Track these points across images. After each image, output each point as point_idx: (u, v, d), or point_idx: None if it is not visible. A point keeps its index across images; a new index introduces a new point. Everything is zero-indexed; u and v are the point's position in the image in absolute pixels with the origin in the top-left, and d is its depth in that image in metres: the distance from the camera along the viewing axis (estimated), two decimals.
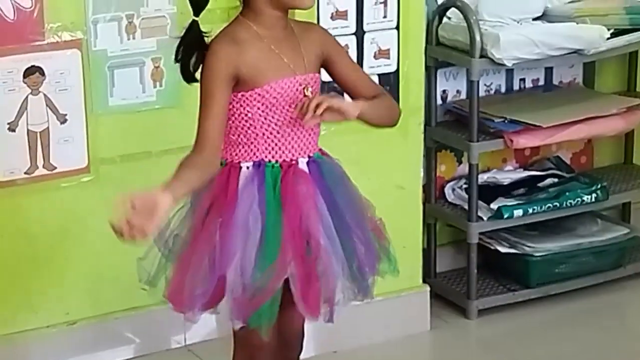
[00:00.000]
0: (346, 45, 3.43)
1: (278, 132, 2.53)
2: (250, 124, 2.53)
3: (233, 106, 2.52)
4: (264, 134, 2.53)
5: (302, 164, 2.55)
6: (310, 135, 2.57)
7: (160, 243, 2.58)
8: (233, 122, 2.53)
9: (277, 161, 2.52)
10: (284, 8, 2.51)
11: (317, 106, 2.45)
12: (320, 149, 2.63)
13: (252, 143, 2.53)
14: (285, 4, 2.51)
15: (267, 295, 2.46)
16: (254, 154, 2.53)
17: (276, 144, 2.53)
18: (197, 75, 2.54)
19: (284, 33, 2.54)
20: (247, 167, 2.52)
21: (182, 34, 2.54)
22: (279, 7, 2.50)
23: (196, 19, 2.51)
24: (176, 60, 2.57)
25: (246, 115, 2.52)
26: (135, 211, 2.30)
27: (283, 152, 2.54)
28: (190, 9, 2.52)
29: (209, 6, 2.53)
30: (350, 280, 2.56)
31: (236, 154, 2.55)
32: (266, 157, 2.53)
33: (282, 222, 2.47)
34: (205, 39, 2.52)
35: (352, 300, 2.60)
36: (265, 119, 2.52)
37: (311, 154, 2.57)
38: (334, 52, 2.63)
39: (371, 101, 2.58)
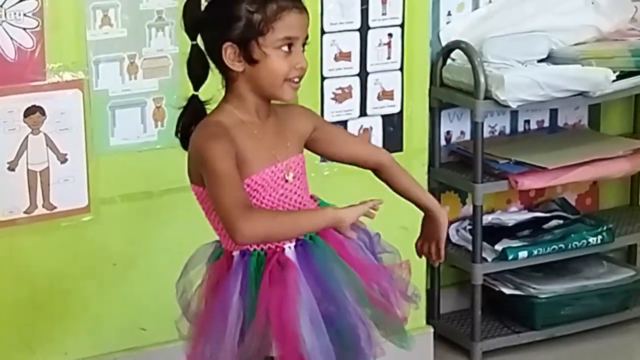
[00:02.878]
0: (349, 86, 3.45)
1: None
2: None
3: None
4: None
5: (289, 249, 2.44)
6: None
7: (188, 316, 2.53)
8: (215, 215, 2.42)
9: (262, 249, 2.41)
10: (267, 98, 2.44)
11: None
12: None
13: None
14: (268, 95, 2.43)
15: None
16: None
17: None
18: None
19: (267, 118, 2.47)
20: (234, 256, 2.44)
21: (181, 108, 2.50)
22: (261, 96, 2.43)
23: (196, 93, 2.47)
24: (177, 134, 2.51)
25: None
26: None
27: None
28: (190, 84, 2.47)
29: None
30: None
31: (227, 242, 2.45)
32: (252, 245, 2.42)
33: (255, 311, 2.39)
34: (206, 108, 2.47)
35: None
36: None
37: (300, 237, 2.45)
38: (316, 126, 2.56)
39: (414, 184, 2.70)
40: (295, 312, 2.37)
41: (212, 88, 2.49)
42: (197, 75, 2.45)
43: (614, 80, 3.68)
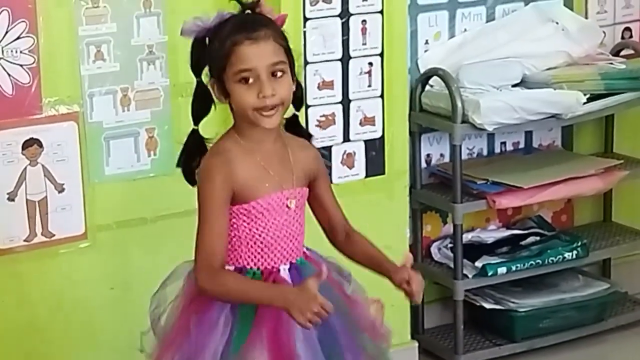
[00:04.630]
0: (332, 113, 3.45)
1: (261, 242, 2.44)
2: (235, 233, 2.43)
3: None
4: (247, 243, 2.44)
5: (284, 270, 2.46)
6: (292, 243, 2.48)
7: (156, 330, 2.53)
8: None
9: (258, 268, 2.43)
10: (254, 125, 2.41)
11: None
12: (306, 252, 2.52)
13: (235, 250, 2.44)
14: (251, 123, 2.40)
15: None
16: (237, 260, 2.44)
17: (258, 252, 2.44)
18: None
19: (274, 147, 2.45)
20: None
21: (183, 142, 2.49)
22: (252, 124, 2.41)
23: (196, 127, 2.46)
24: (178, 165, 2.50)
25: (232, 225, 2.43)
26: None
27: (265, 259, 2.45)
28: (191, 120, 2.48)
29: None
30: None
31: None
32: (248, 264, 2.44)
33: (251, 328, 2.38)
34: (207, 144, 2.47)
35: None
36: (250, 230, 2.43)
37: (293, 260, 2.47)
38: (320, 172, 2.55)
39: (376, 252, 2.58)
40: (292, 332, 2.36)
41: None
42: (198, 111, 2.45)
43: (585, 103, 3.67)
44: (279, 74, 2.38)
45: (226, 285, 2.37)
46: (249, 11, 2.43)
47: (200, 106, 2.45)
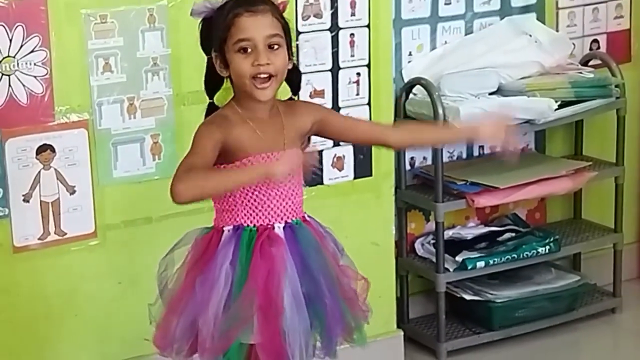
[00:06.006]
0: None
1: (255, 200, 2.43)
2: (231, 193, 2.43)
3: None
4: (242, 202, 2.43)
5: (279, 228, 2.45)
6: (287, 202, 2.46)
7: (163, 295, 2.51)
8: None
9: (254, 225, 2.42)
10: (249, 97, 2.42)
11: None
12: (305, 217, 2.52)
13: (232, 210, 2.44)
14: (247, 95, 2.42)
15: (229, 341, 2.37)
16: (235, 219, 2.44)
17: (254, 211, 2.44)
18: None
19: (269, 114, 2.46)
20: (228, 230, 2.44)
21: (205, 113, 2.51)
22: (248, 96, 2.42)
23: (212, 100, 2.49)
24: None
25: None
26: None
27: (260, 217, 2.44)
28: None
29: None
30: (315, 339, 2.45)
31: (221, 220, 2.47)
32: (245, 222, 2.43)
33: (247, 278, 2.37)
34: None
35: (313, 357, 2.47)
36: (244, 188, 2.42)
37: (289, 220, 2.46)
38: (324, 115, 2.54)
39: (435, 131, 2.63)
40: (281, 286, 2.35)
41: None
42: (210, 86, 2.48)
43: (556, 109, 3.68)
44: (275, 46, 2.38)
45: (207, 173, 2.31)
46: None
47: (212, 80, 2.46)
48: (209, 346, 2.36)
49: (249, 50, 2.37)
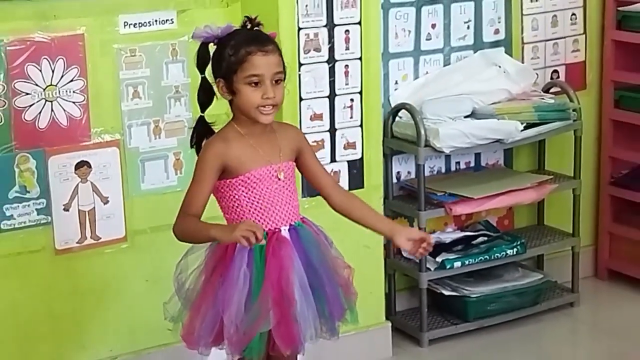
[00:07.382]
0: (322, 139, 3.45)
1: (261, 208, 2.49)
2: (238, 204, 2.49)
3: (224, 191, 2.50)
4: (249, 210, 2.49)
5: (285, 231, 2.51)
6: (288, 208, 2.53)
7: (180, 294, 2.56)
8: (225, 203, 2.51)
9: (264, 231, 2.46)
10: (251, 119, 2.49)
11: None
12: (303, 218, 2.59)
13: (240, 218, 2.50)
14: (250, 118, 2.48)
15: (252, 333, 2.43)
16: None
17: (261, 217, 2.50)
18: None
19: (264, 132, 2.52)
20: None
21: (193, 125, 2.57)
22: (249, 117, 2.49)
23: (202, 114, 2.53)
24: (192, 145, 2.57)
25: (234, 197, 2.49)
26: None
27: (267, 223, 2.50)
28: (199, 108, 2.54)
29: (216, 112, 2.54)
30: (321, 322, 2.52)
31: None
32: None
33: (264, 278, 2.43)
34: (213, 127, 2.54)
35: (321, 338, 2.55)
36: (249, 198, 2.49)
37: (292, 222, 2.53)
38: (304, 146, 2.61)
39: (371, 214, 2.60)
40: (291, 281, 2.40)
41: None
42: (203, 101, 2.51)
43: (522, 130, 3.69)
44: (279, 81, 2.45)
45: (183, 226, 2.42)
46: (256, 28, 2.48)
47: (205, 97, 2.50)
48: (235, 340, 2.41)
49: (258, 84, 2.43)
